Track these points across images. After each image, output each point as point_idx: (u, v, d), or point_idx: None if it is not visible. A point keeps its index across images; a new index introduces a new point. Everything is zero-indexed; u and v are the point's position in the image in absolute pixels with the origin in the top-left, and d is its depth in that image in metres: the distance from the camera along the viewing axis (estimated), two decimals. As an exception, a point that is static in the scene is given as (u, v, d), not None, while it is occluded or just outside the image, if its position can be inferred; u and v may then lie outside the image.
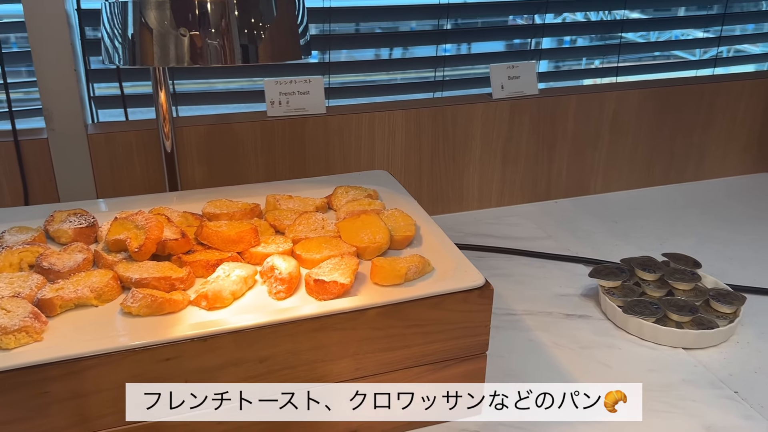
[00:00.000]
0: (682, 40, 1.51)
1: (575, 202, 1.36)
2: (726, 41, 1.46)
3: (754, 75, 1.44)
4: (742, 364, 0.90)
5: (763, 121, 1.45)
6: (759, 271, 1.12)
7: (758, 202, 1.37)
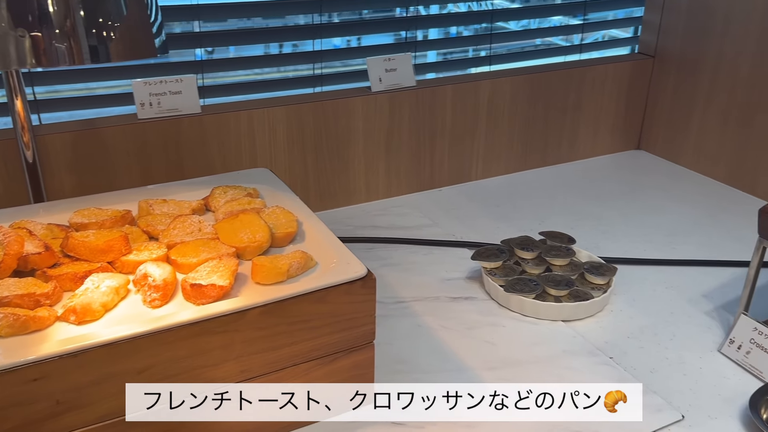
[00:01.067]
0: (550, 27, 1.58)
1: (458, 189, 1.39)
2: (590, 27, 1.55)
3: (617, 59, 1.53)
4: (616, 331, 0.96)
5: (627, 101, 1.54)
6: (629, 243, 1.20)
7: (627, 178, 1.46)
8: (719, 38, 1.38)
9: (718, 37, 1.38)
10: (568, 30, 1.55)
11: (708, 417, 0.81)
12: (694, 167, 1.49)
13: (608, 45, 1.61)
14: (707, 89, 1.42)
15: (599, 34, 1.63)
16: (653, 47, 1.53)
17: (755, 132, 1.34)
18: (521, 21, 1.67)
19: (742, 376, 0.88)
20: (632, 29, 1.60)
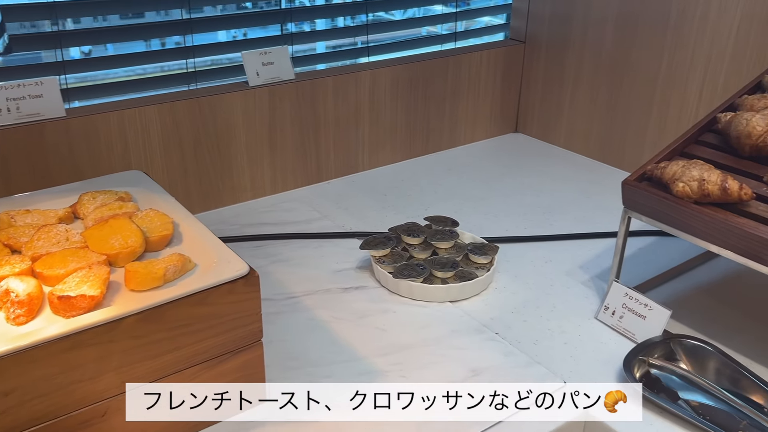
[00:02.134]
0: (425, 17, 1.61)
1: (346, 181, 1.40)
2: (463, 15, 1.59)
3: (490, 45, 1.58)
4: (501, 307, 1.00)
5: (502, 87, 1.60)
6: (510, 222, 1.24)
7: (506, 161, 1.52)
8: (582, 23, 1.46)
9: (581, 22, 1.46)
10: (442, 19, 1.59)
11: (589, 381, 0.85)
12: (567, 146, 1.56)
13: (483, 32, 1.66)
14: (574, 72, 1.50)
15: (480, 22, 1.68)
16: (523, 33, 1.60)
17: (619, 111, 1.43)
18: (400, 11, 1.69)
19: (617, 339, 0.93)
20: (505, 16, 1.66)
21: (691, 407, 0.81)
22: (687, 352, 0.88)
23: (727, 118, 0.93)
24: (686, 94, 1.30)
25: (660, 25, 1.31)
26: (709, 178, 0.84)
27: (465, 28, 1.62)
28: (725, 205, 0.84)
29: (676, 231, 0.88)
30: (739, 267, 1.09)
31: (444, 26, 1.60)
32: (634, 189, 0.90)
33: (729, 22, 1.21)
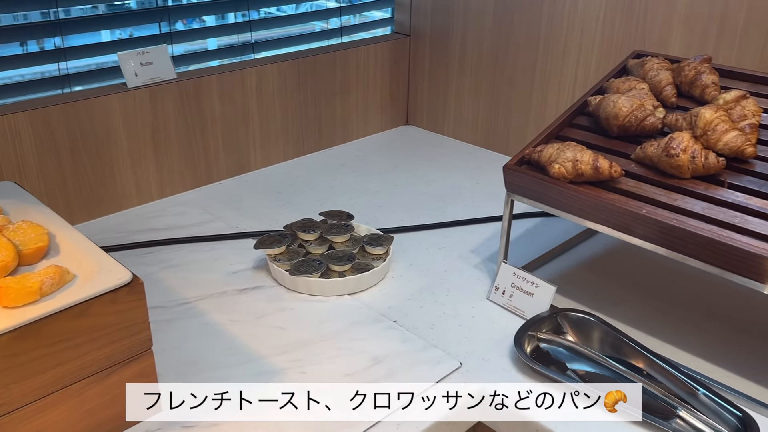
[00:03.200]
0: (309, 12, 1.60)
1: (238, 181, 1.37)
2: (348, 10, 1.59)
3: (376, 39, 1.60)
4: (398, 295, 1.02)
5: (391, 80, 1.62)
6: (404, 212, 1.26)
7: (398, 153, 1.54)
8: (462, 14, 1.50)
9: (461, 13, 1.50)
10: (328, 14, 1.59)
11: (482, 360, 0.88)
12: (456, 136, 1.61)
13: (370, 26, 1.67)
14: (458, 63, 1.54)
15: (367, 16, 1.69)
16: (408, 26, 1.62)
17: (502, 99, 1.48)
18: (292, 6, 1.67)
19: (508, 317, 0.97)
20: (390, 10, 1.68)
21: (579, 376, 0.86)
22: (572, 324, 0.93)
23: (596, 101, 0.98)
24: (562, 79, 1.37)
25: (535, 14, 1.37)
26: (582, 158, 0.88)
27: (352, 23, 1.63)
28: (598, 183, 0.89)
29: (556, 210, 0.92)
30: (616, 241, 1.16)
31: (331, 21, 1.61)
32: (515, 173, 0.94)
33: (596, 10, 1.28)
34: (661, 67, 1.01)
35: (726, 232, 0.78)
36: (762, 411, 0.79)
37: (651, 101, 0.96)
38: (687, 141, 0.85)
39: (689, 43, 1.18)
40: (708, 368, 0.87)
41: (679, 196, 0.84)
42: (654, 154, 0.87)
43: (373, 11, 1.70)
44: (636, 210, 0.83)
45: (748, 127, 0.88)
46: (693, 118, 0.88)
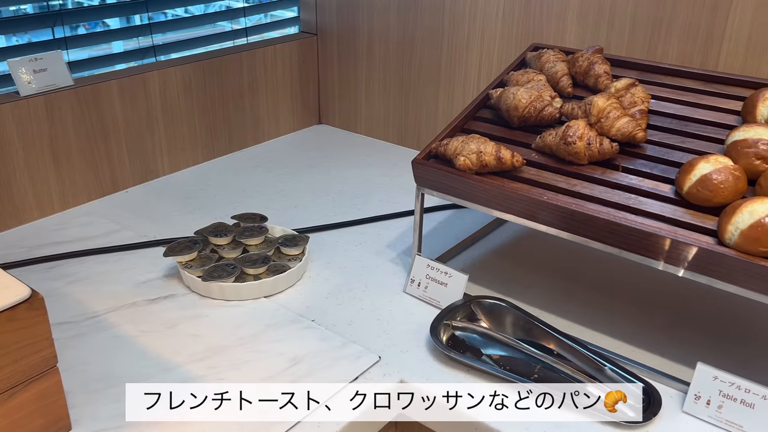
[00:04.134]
0: (213, 12, 1.57)
1: (146, 188, 1.33)
2: (252, 10, 1.58)
3: (283, 39, 1.58)
4: (316, 294, 1.01)
5: (300, 80, 1.61)
6: (320, 211, 1.26)
7: (312, 152, 1.53)
8: (367, 11, 1.51)
9: (366, 10, 1.51)
10: (232, 14, 1.57)
11: (401, 352, 0.89)
12: (369, 133, 1.62)
13: (276, 26, 1.66)
14: (366, 60, 1.55)
15: (274, 16, 1.67)
16: (314, 25, 1.62)
17: (411, 95, 1.51)
18: (188, 8, 1.63)
19: (425, 309, 0.99)
20: (297, 9, 1.67)
21: (494, 361, 0.88)
22: (485, 311, 0.95)
23: (497, 94, 1.01)
24: (467, 73, 1.40)
25: (436, 10, 1.40)
26: (485, 149, 0.91)
27: (262, 22, 1.61)
28: (503, 173, 0.92)
29: (464, 201, 0.94)
30: (525, 228, 1.20)
31: (235, 22, 1.58)
32: (423, 167, 0.96)
33: (495, 5, 1.32)
34: (556, 59, 1.05)
35: (622, 214, 0.82)
36: (663, 380, 0.84)
37: (548, 92, 1.00)
38: (582, 129, 0.89)
39: (583, 36, 1.23)
40: (614, 344, 0.92)
41: (577, 181, 0.88)
42: (553, 142, 0.91)
43: (281, 11, 1.69)
44: (538, 197, 0.86)
45: (639, 113, 0.93)
46: (587, 106, 0.92)
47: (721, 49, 1.10)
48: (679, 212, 0.81)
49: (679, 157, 0.87)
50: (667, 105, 0.97)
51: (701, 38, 1.11)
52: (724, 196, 0.78)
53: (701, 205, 0.80)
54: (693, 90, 0.98)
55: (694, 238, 0.77)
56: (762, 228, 0.71)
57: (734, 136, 0.84)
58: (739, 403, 0.76)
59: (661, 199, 0.83)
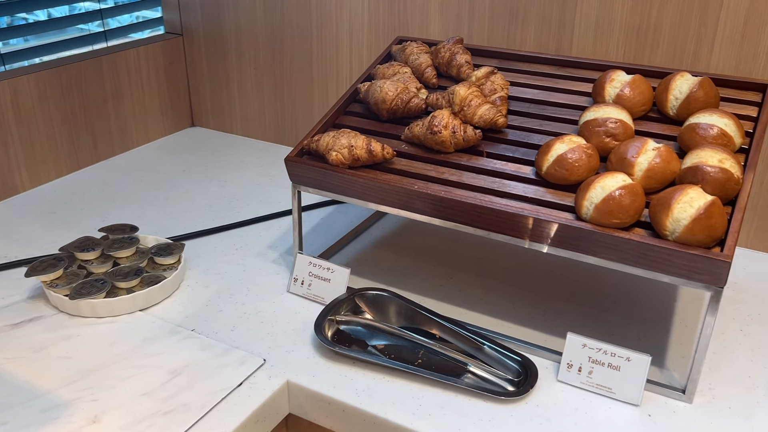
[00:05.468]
0: (68, 16, 1.48)
1: (5, 206, 1.24)
2: (110, 12, 1.50)
3: (146, 41, 1.52)
4: (195, 303, 0.98)
5: (168, 82, 1.56)
6: (197, 217, 1.22)
7: (186, 156, 1.49)
8: (233, 9, 1.48)
9: (232, 7, 1.48)
10: (89, 17, 1.48)
11: (286, 352, 0.89)
12: (245, 133, 1.59)
13: (139, 27, 1.59)
14: (236, 59, 1.52)
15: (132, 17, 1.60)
16: (179, 24, 1.57)
17: (286, 92, 1.49)
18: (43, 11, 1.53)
19: (309, 306, 0.98)
20: (160, 9, 1.61)
21: (379, 350, 0.89)
22: (369, 302, 0.96)
23: (365, 88, 1.02)
24: (339, 68, 1.41)
25: (303, 5, 1.39)
26: (356, 143, 0.92)
27: (118, 25, 1.53)
28: (375, 166, 0.93)
29: (340, 196, 0.95)
30: (404, 218, 1.22)
31: (92, 25, 1.50)
32: (296, 164, 0.95)
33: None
34: (420, 50, 1.07)
35: (488, 197, 0.85)
36: (538, 353, 0.88)
37: (414, 84, 1.02)
38: (447, 118, 0.91)
39: (447, 27, 1.26)
40: (492, 323, 0.95)
41: (446, 169, 0.91)
42: (420, 132, 0.93)
43: (144, 11, 1.62)
44: (409, 187, 0.88)
45: (499, 100, 0.96)
46: (450, 96, 0.94)
47: (573, 35, 1.16)
48: (540, 192, 0.85)
49: (539, 140, 0.92)
50: (525, 90, 1.01)
51: (554, 26, 1.17)
52: (579, 174, 0.82)
53: (560, 183, 0.84)
54: (548, 75, 1.04)
55: (555, 215, 0.81)
56: (613, 201, 0.76)
57: (585, 117, 0.89)
58: (607, 367, 0.82)
59: (523, 181, 0.87)
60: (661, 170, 0.79)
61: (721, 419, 0.79)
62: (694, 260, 0.72)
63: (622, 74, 0.93)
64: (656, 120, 0.92)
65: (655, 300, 1.00)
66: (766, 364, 0.88)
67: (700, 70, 1.08)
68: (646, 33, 1.10)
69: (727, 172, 0.76)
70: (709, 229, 0.72)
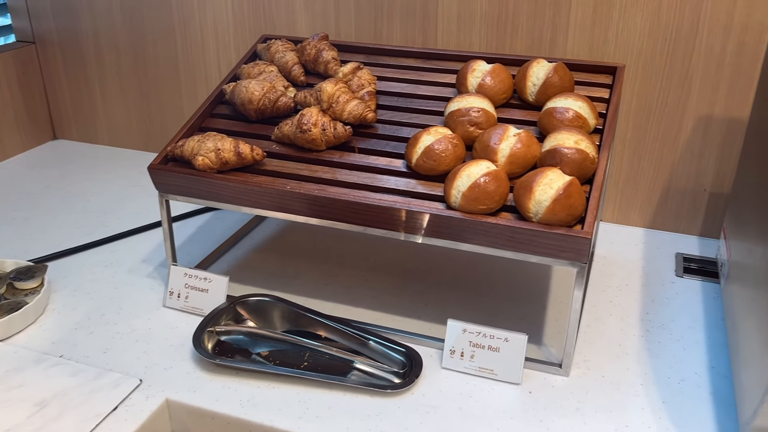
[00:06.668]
0: None
1: None
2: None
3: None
4: (62, 328, 0.92)
5: (23, 94, 1.45)
6: (62, 235, 1.15)
7: (48, 172, 1.39)
8: (88, 14, 1.40)
9: (87, 12, 1.40)
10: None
11: (164, 370, 0.85)
12: (112, 143, 1.51)
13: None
14: (96, 66, 1.44)
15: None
16: (30, 32, 1.46)
17: (152, 98, 1.43)
18: None
19: (188, 320, 0.94)
20: (9, 15, 1.49)
21: (264, 358, 0.87)
22: (251, 310, 0.93)
23: (230, 88, 0.99)
24: (208, 69, 1.36)
25: (163, 5, 1.33)
26: (223, 146, 0.89)
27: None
28: (246, 168, 0.90)
29: (210, 202, 0.91)
30: (284, 220, 1.20)
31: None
32: (161, 172, 0.91)
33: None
34: (285, 48, 1.05)
35: (361, 193, 0.85)
36: (423, 342, 0.89)
37: (282, 82, 1.00)
38: (316, 115, 0.90)
39: (314, 23, 1.25)
40: (377, 317, 0.95)
41: (318, 167, 0.90)
42: (290, 132, 0.91)
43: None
44: (282, 188, 0.86)
45: (367, 95, 0.96)
46: (318, 93, 0.93)
47: (437, 28, 1.18)
48: (411, 184, 0.86)
49: (408, 133, 0.93)
50: (393, 84, 1.02)
51: (419, 19, 1.18)
52: (446, 164, 0.84)
53: (429, 174, 0.85)
54: (415, 68, 1.05)
55: (426, 206, 0.82)
56: (479, 188, 0.78)
57: (450, 108, 0.90)
58: (487, 350, 0.84)
59: (395, 174, 0.88)
60: (522, 155, 0.82)
61: (596, 389, 0.83)
62: (557, 239, 0.75)
63: (482, 64, 0.95)
64: (517, 107, 0.95)
65: (532, 279, 1.04)
66: (634, 332, 0.93)
67: (557, 56, 1.13)
68: (505, 23, 1.14)
69: (582, 153, 0.79)
70: (569, 208, 0.75)
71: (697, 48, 1.05)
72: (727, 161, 1.10)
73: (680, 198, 1.15)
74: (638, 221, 1.19)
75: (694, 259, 1.10)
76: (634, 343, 0.91)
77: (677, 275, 1.05)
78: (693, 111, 1.09)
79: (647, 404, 0.80)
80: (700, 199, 1.14)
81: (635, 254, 1.11)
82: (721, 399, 0.81)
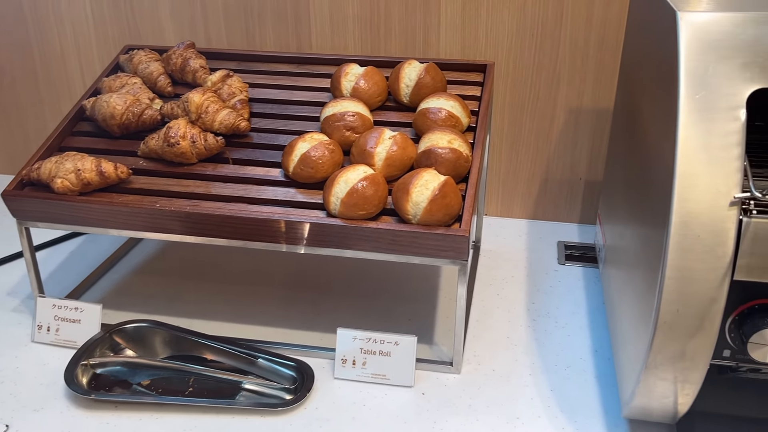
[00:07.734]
0: None
1: None
2: None
3: None
4: None
5: None
6: None
7: None
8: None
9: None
10: None
11: (34, 412, 0.78)
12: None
13: None
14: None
15: None
16: None
17: (13, 117, 1.32)
18: None
19: (60, 354, 0.87)
20: None
21: (145, 387, 0.82)
22: (129, 337, 0.88)
23: (91, 103, 0.93)
24: (71, 85, 1.27)
25: (16, 17, 1.23)
26: (84, 166, 0.83)
27: None
28: (111, 188, 0.85)
29: (74, 227, 0.85)
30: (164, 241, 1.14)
31: None
32: (17, 198, 0.84)
33: (81, 7, 1.20)
34: (149, 59, 1.00)
35: (238, 206, 0.82)
36: (314, 354, 0.87)
37: (147, 94, 0.94)
38: (184, 127, 0.86)
39: (182, 32, 1.20)
40: (267, 332, 0.92)
41: (191, 182, 0.85)
42: (157, 146, 0.87)
43: None
44: (150, 206, 0.81)
45: (239, 104, 0.93)
46: (185, 104, 0.89)
47: (311, 32, 1.16)
48: (291, 193, 0.83)
49: (284, 140, 0.90)
50: (266, 91, 0.99)
51: (291, 23, 1.16)
52: (324, 170, 0.82)
53: (308, 182, 0.83)
54: (289, 74, 1.02)
55: (306, 215, 0.80)
56: (357, 194, 0.76)
57: (325, 113, 0.89)
58: (379, 355, 0.83)
59: (273, 184, 0.85)
60: (399, 157, 0.81)
61: (488, 384, 0.83)
62: (437, 239, 0.75)
63: (356, 67, 0.94)
64: (393, 109, 0.94)
65: (421, 279, 1.04)
66: (521, 322, 0.95)
67: (431, 56, 1.14)
68: (378, 25, 1.13)
69: (456, 152, 0.80)
70: (446, 207, 0.75)
71: (563, 42, 1.09)
72: (599, 150, 1.15)
73: (558, 188, 1.19)
74: (521, 213, 1.22)
75: (575, 246, 1.14)
76: (522, 333, 0.92)
77: (560, 263, 1.09)
78: (563, 103, 1.13)
79: (536, 394, 0.82)
80: (577, 188, 1.18)
81: (519, 245, 1.14)
82: (606, 382, 0.84)
